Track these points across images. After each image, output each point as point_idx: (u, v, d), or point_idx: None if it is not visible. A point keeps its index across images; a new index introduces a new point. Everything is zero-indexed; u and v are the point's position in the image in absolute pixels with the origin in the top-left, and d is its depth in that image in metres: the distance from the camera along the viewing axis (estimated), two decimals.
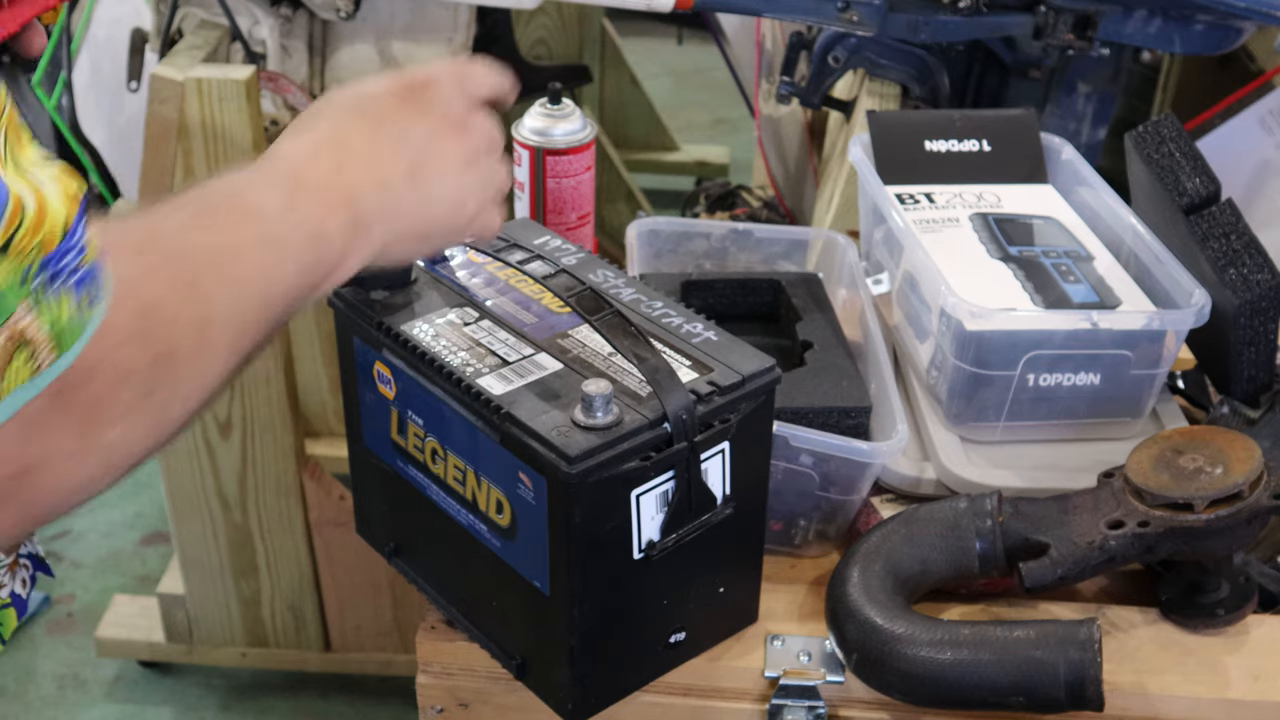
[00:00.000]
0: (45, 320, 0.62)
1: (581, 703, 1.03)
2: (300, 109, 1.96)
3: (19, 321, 0.61)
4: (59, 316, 0.63)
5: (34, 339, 0.62)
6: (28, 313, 0.62)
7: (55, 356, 0.63)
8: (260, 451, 2.01)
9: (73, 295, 0.63)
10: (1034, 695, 1.01)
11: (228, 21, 1.92)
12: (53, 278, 0.63)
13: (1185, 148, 1.26)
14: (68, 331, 0.63)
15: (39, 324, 0.62)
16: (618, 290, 1.10)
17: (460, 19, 2.02)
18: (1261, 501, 1.05)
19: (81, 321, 0.64)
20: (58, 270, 0.63)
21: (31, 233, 0.61)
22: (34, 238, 0.61)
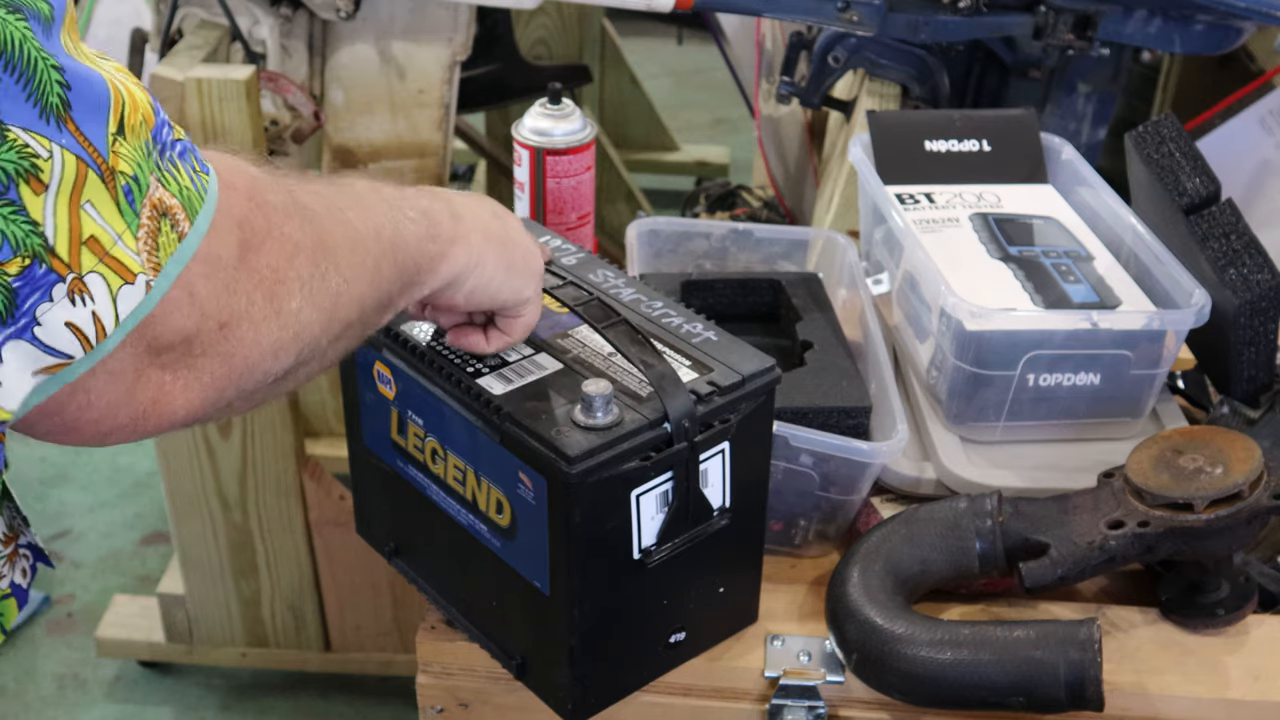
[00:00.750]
0: (173, 189, 0.68)
1: (581, 703, 1.03)
2: (300, 109, 1.96)
3: (155, 193, 0.67)
4: (182, 184, 0.68)
5: (170, 207, 0.67)
6: (158, 185, 0.67)
7: (190, 222, 0.68)
8: (260, 451, 2.01)
9: (183, 165, 0.69)
10: (1034, 695, 1.01)
11: (228, 21, 1.91)
12: (162, 151, 0.68)
13: (1185, 148, 1.26)
14: (194, 198, 0.69)
15: (169, 194, 0.67)
16: (618, 290, 1.10)
17: (460, 19, 2.02)
18: (1261, 501, 1.05)
19: (201, 188, 0.69)
20: (163, 144, 0.68)
21: (133, 111, 0.66)
22: (137, 115, 0.67)
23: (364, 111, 2.07)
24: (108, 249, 0.64)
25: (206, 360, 0.70)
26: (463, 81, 2.11)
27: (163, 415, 0.70)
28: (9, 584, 1.07)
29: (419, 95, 2.06)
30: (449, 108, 2.07)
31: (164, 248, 0.67)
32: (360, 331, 0.83)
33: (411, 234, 0.87)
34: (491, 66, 2.67)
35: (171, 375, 0.69)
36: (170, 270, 0.67)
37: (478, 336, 1.00)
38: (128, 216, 0.65)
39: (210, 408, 0.72)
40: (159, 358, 0.68)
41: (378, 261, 0.82)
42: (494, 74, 2.69)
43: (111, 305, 0.65)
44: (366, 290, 0.81)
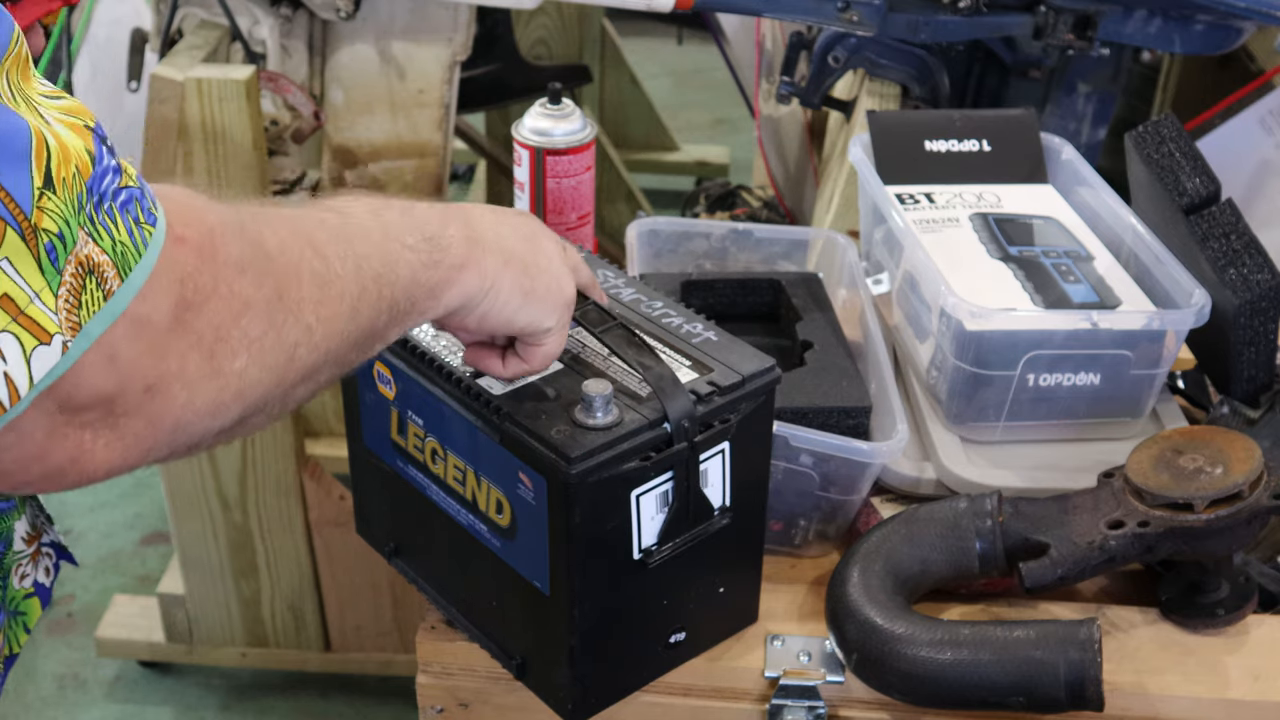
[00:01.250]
0: (105, 244, 0.64)
1: (581, 703, 1.03)
2: (300, 109, 1.96)
3: (82, 249, 0.63)
4: (117, 239, 0.65)
5: (99, 264, 0.64)
6: (88, 239, 0.63)
7: (121, 280, 0.65)
8: (260, 451, 2.01)
9: (122, 217, 0.65)
10: (1034, 695, 1.01)
11: (228, 21, 1.91)
12: (98, 203, 0.64)
13: (1185, 148, 1.26)
14: (129, 253, 0.65)
15: (98, 250, 0.64)
16: (618, 290, 1.10)
17: (460, 19, 2.02)
18: (1261, 501, 1.05)
19: (139, 242, 0.66)
20: (101, 194, 0.65)
21: (63, 162, 0.63)
22: (69, 166, 0.63)
23: (364, 111, 2.07)
24: (22, 308, 0.61)
25: (130, 421, 0.66)
26: (463, 81, 2.11)
27: (82, 473, 0.67)
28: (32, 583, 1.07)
29: (419, 95, 2.06)
30: (449, 108, 2.07)
31: (87, 306, 0.63)
32: (335, 371, 0.79)
33: (406, 263, 0.82)
34: (491, 66, 2.68)
35: (91, 434, 0.66)
36: (92, 330, 0.64)
37: (495, 359, 0.96)
38: (49, 274, 0.62)
39: (138, 463, 0.69)
40: (76, 416, 0.65)
41: (354, 304, 0.78)
42: (494, 74, 2.69)
43: (25, 366, 0.62)
44: (337, 337, 0.77)
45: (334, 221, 0.80)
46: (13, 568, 1.05)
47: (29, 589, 1.07)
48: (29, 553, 1.07)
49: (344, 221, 0.80)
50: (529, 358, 0.95)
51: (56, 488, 0.67)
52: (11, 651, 1.08)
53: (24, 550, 1.07)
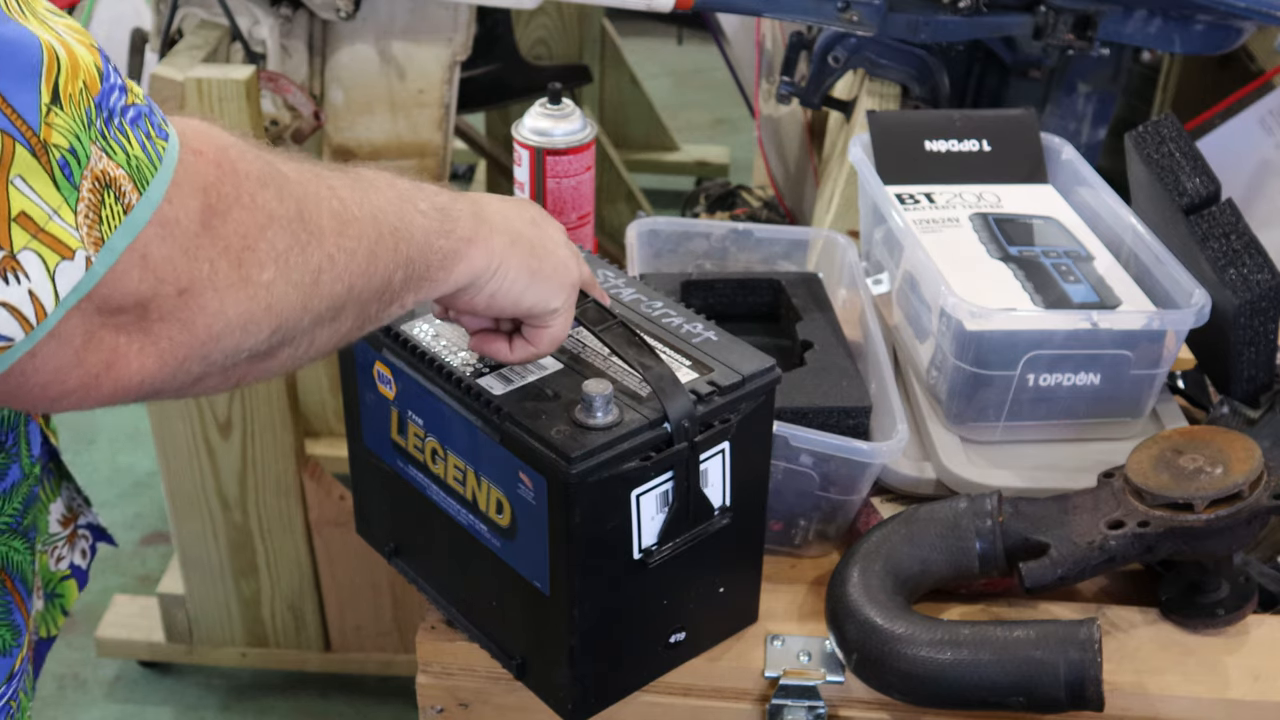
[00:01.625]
0: (119, 159, 0.65)
1: (581, 703, 1.03)
2: (300, 109, 1.96)
3: (97, 163, 0.64)
4: (131, 153, 0.65)
5: (115, 178, 0.64)
6: (102, 154, 0.64)
7: (139, 193, 0.65)
8: (260, 451, 2.01)
9: (134, 132, 0.66)
10: (1034, 695, 1.01)
11: (228, 21, 1.91)
12: (108, 118, 0.65)
13: (1185, 148, 1.26)
14: (145, 166, 0.66)
15: (113, 164, 0.64)
16: (618, 290, 1.10)
17: (460, 19, 2.02)
18: (1261, 501, 1.05)
19: (154, 155, 0.66)
20: (110, 110, 0.65)
21: (72, 78, 0.63)
22: (77, 82, 0.63)
23: (364, 111, 2.07)
24: (41, 225, 0.62)
25: (165, 326, 0.67)
26: (463, 81, 2.11)
27: (118, 381, 0.67)
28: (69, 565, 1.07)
29: (419, 95, 2.06)
30: (449, 108, 2.07)
31: (107, 221, 0.64)
32: (357, 319, 0.80)
33: (420, 226, 0.83)
34: (491, 66, 2.68)
35: (126, 339, 0.66)
36: (116, 243, 0.64)
37: (501, 344, 0.97)
38: (65, 190, 0.63)
39: (171, 377, 0.69)
40: (112, 319, 0.66)
41: (373, 247, 0.78)
42: (494, 74, 2.69)
43: (50, 283, 0.62)
44: (358, 274, 0.77)
45: (348, 175, 0.81)
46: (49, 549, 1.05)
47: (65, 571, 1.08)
48: (65, 535, 1.07)
49: (358, 178, 0.81)
50: (536, 340, 0.96)
51: (93, 400, 0.67)
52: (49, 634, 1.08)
53: (60, 533, 1.07)
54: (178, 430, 1.98)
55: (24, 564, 0.91)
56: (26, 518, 0.91)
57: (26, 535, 0.91)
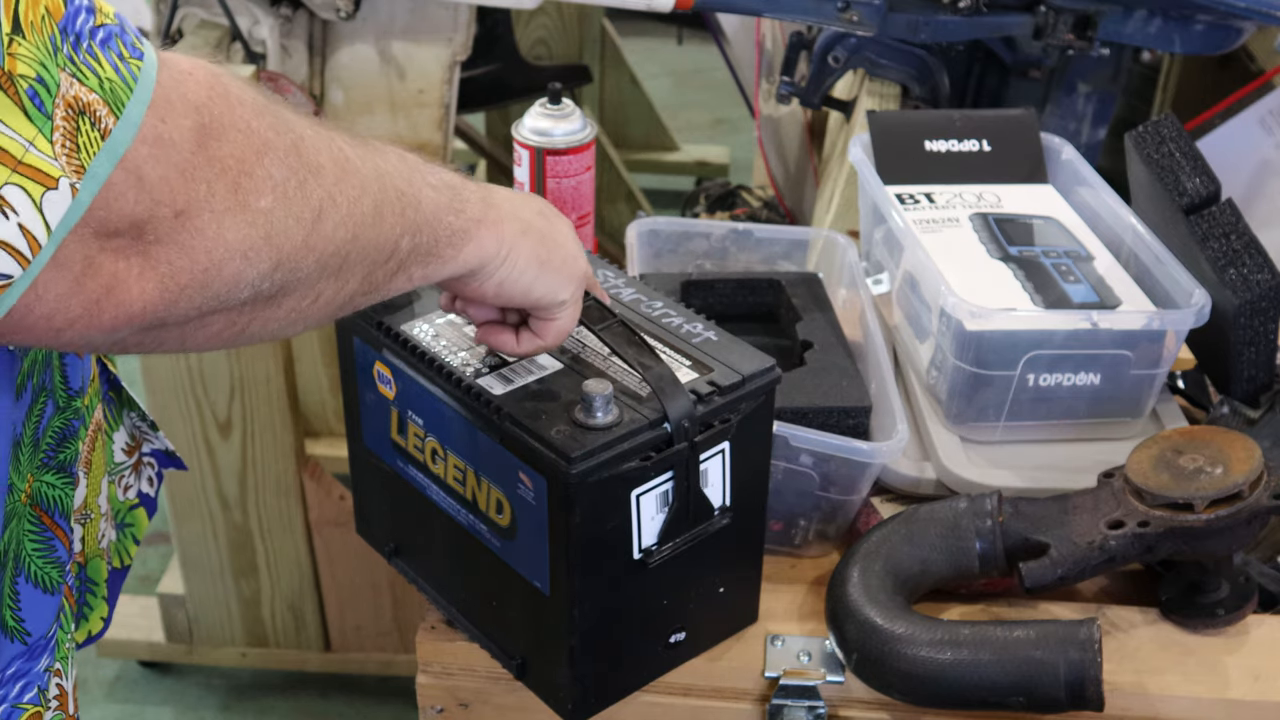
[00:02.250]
0: (91, 83, 0.63)
1: (581, 703, 1.03)
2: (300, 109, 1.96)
3: (68, 90, 0.62)
4: (104, 76, 0.64)
5: (89, 103, 0.63)
6: (72, 80, 0.63)
7: (116, 116, 0.64)
8: (260, 451, 2.01)
9: (104, 54, 0.64)
10: (1034, 695, 1.01)
11: (228, 21, 1.92)
12: (75, 43, 0.63)
13: (1185, 148, 1.26)
14: (120, 89, 0.64)
15: (85, 89, 0.63)
16: (618, 290, 1.10)
17: (460, 19, 2.02)
18: (1261, 501, 1.05)
19: (129, 77, 0.65)
20: (77, 34, 0.63)
21: (33, 4, 0.61)
22: (38, 9, 0.62)
23: (364, 111, 2.07)
24: (19, 158, 0.61)
25: (162, 249, 0.66)
26: (463, 81, 2.11)
27: (119, 305, 0.66)
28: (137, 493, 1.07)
29: (419, 95, 2.06)
30: (449, 108, 2.07)
31: (85, 148, 0.63)
32: (363, 281, 0.79)
33: (429, 199, 0.82)
34: (491, 66, 2.68)
35: (125, 263, 0.65)
36: (98, 169, 0.63)
37: (508, 336, 0.96)
38: (37, 120, 0.61)
39: (173, 304, 0.68)
40: (109, 242, 0.65)
41: (377, 202, 0.77)
42: (494, 74, 2.69)
43: (38, 214, 0.61)
44: (362, 223, 0.76)
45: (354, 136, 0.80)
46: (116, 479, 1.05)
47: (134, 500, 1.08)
48: (130, 464, 1.07)
49: (366, 140, 0.80)
50: (543, 333, 0.96)
51: (97, 328, 0.66)
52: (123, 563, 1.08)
53: (125, 461, 1.07)
54: (178, 430, 1.98)
55: (62, 498, 0.91)
56: (63, 452, 0.91)
57: (65, 469, 0.91)
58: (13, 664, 0.86)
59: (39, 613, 0.88)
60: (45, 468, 0.90)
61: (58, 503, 0.91)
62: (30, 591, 0.88)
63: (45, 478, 0.90)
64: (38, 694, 0.88)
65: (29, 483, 0.87)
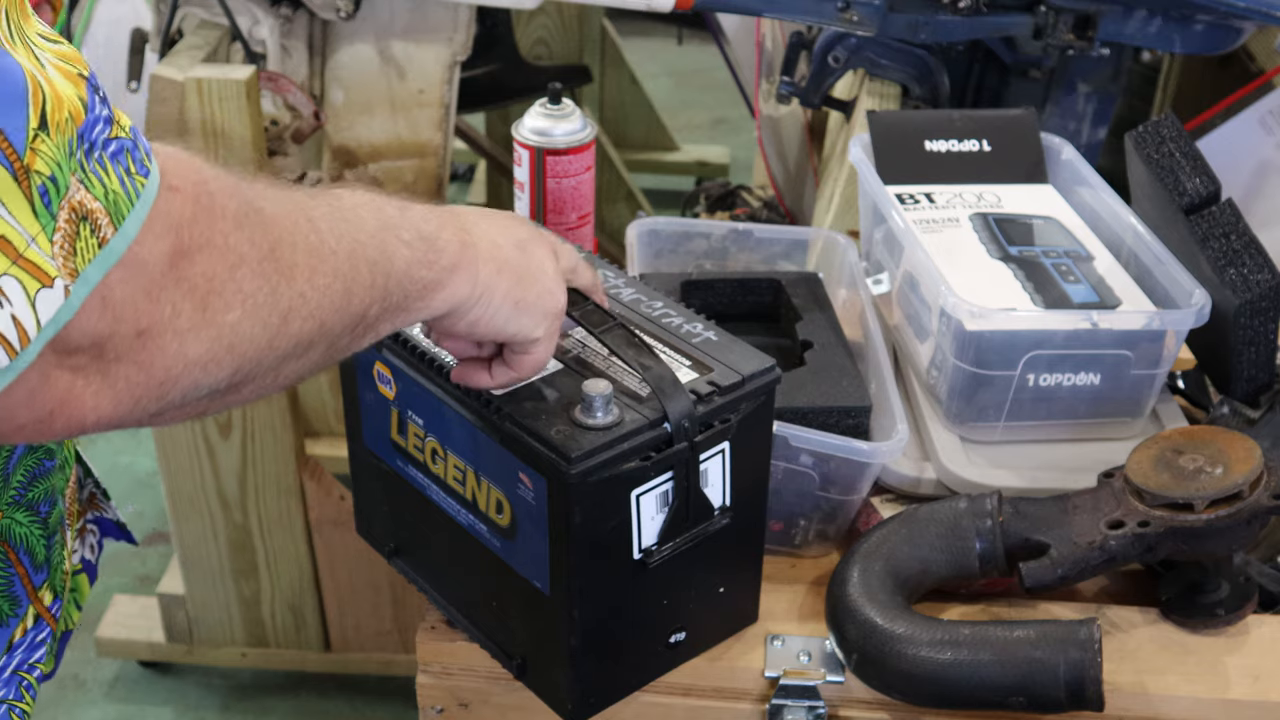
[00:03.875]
0: (97, 192, 0.64)
1: (581, 703, 1.03)
2: (300, 109, 1.96)
3: (75, 194, 0.63)
4: (109, 187, 0.65)
5: (92, 210, 0.64)
6: (80, 185, 0.64)
7: (115, 228, 0.64)
8: (260, 451, 2.01)
9: (113, 166, 0.65)
10: (1034, 695, 1.01)
11: (228, 21, 1.91)
12: (88, 151, 0.64)
13: (1185, 148, 1.26)
14: (122, 201, 0.65)
15: (90, 197, 0.64)
16: (618, 290, 1.10)
17: (460, 19, 2.02)
18: (1261, 501, 1.05)
19: (132, 191, 0.65)
20: (91, 143, 0.65)
21: (57, 107, 0.63)
22: (62, 111, 0.63)
23: (364, 111, 2.07)
24: (20, 251, 0.61)
25: (121, 367, 0.66)
26: (463, 81, 2.11)
27: (70, 418, 0.66)
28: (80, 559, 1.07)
29: (419, 95, 2.06)
30: (449, 108, 2.07)
31: (82, 253, 0.63)
32: (327, 352, 0.79)
33: (402, 258, 0.82)
34: (491, 66, 2.67)
35: (83, 380, 0.65)
36: (90, 275, 0.63)
37: (483, 374, 0.96)
38: (43, 218, 0.62)
39: (126, 415, 0.68)
40: (67, 359, 0.65)
41: (348, 283, 0.77)
42: (494, 74, 2.69)
43: (30, 309, 0.61)
44: (331, 310, 0.76)
45: (330, 206, 0.80)
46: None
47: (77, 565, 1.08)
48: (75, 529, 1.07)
49: (340, 207, 0.80)
50: (517, 366, 0.95)
51: (46, 436, 0.67)
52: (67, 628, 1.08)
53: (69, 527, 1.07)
54: (178, 430, 1.98)
55: (30, 537, 0.91)
56: (32, 491, 0.91)
57: (34, 508, 0.91)
58: None
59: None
60: (15, 505, 0.89)
61: (24, 541, 0.90)
62: None
63: (15, 515, 0.90)
64: None
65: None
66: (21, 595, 0.90)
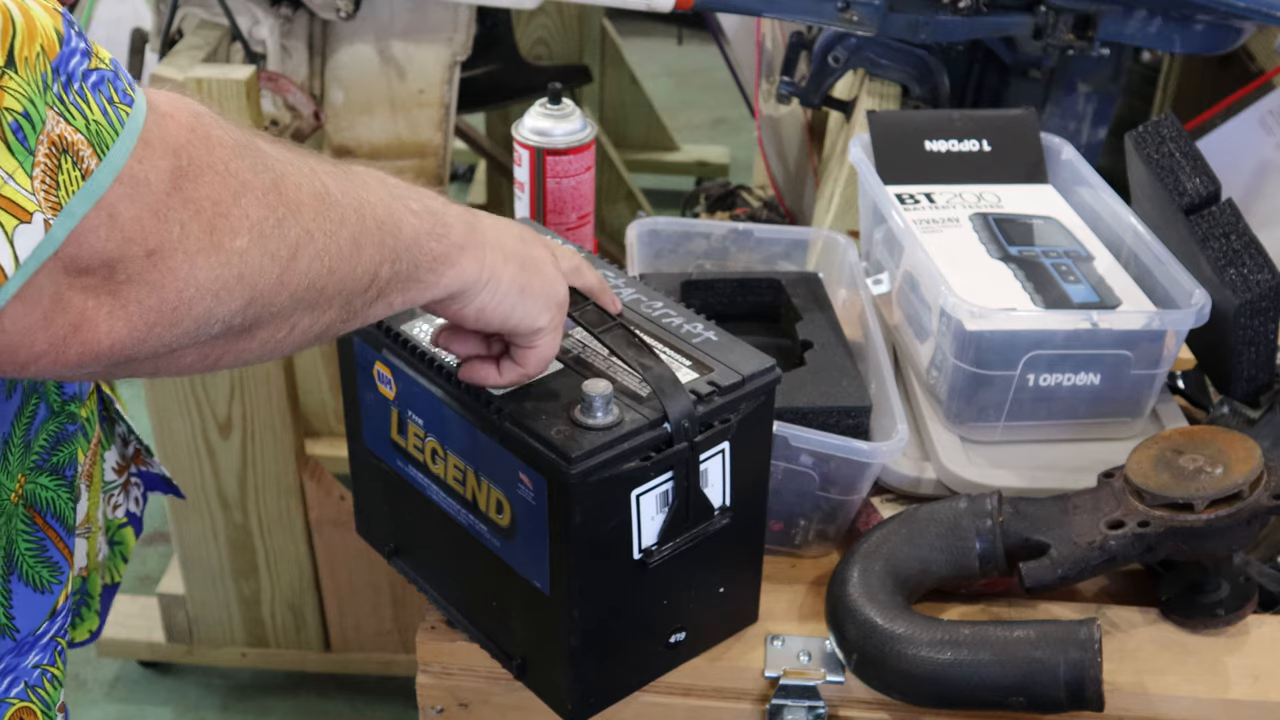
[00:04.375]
0: (78, 123, 0.63)
1: (581, 703, 1.03)
2: (300, 109, 1.96)
3: (54, 128, 0.62)
4: (91, 118, 0.64)
5: (73, 143, 0.63)
6: (58, 119, 0.63)
7: (99, 158, 0.64)
8: (260, 451, 2.01)
9: (94, 96, 0.64)
10: (1034, 695, 1.01)
11: (228, 21, 1.92)
12: (67, 83, 0.64)
13: (1185, 148, 1.26)
14: (105, 132, 0.64)
15: (71, 129, 0.63)
16: (618, 290, 1.10)
17: (460, 19, 2.02)
18: (1261, 501, 1.05)
19: (115, 120, 0.65)
20: (70, 74, 0.64)
21: (29, 40, 0.62)
22: (33, 45, 0.62)
23: (364, 111, 2.07)
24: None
25: (132, 288, 0.66)
26: (463, 81, 2.11)
27: (85, 343, 0.65)
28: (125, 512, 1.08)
29: (419, 95, 2.06)
30: (449, 108, 2.08)
31: (65, 186, 0.63)
32: (342, 311, 0.78)
33: (410, 225, 0.82)
34: (491, 66, 2.68)
35: (95, 301, 0.65)
36: (75, 208, 0.63)
37: (490, 369, 0.96)
38: (19, 154, 0.61)
39: (141, 342, 0.67)
40: (79, 280, 0.65)
41: (356, 233, 0.77)
42: (494, 74, 2.69)
43: (9, 246, 0.61)
44: (340, 257, 0.75)
45: (335, 166, 0.79)
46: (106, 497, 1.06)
47: (122, 519, 1.09)
48: (119, 483, 1.08)
49: (346, 172, 0.80)
50: (524, 361, 0.95)
51: (61, 364, 0.66)
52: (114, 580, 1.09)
53: (115, 480, 1.08)
54: (178, 430, 1.98)
55: (57, 501, 0.92)
56: (56, 455, 0.91)
57: (59, 472, 0.91)
58: (1, 659, 0.87)
59: (29, 611, 0.89)
60: (39, 469, 0.90)
61: (51, 505, 0.91)
62: (22, 590, 0.88)
63: (40, 479, 0.90)
64: (24, 689, 0.89)
65: (20, 483, 0.88)
66: (60, 560, 0.91)
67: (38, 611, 0.89)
